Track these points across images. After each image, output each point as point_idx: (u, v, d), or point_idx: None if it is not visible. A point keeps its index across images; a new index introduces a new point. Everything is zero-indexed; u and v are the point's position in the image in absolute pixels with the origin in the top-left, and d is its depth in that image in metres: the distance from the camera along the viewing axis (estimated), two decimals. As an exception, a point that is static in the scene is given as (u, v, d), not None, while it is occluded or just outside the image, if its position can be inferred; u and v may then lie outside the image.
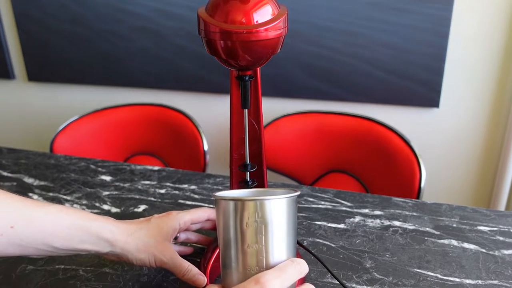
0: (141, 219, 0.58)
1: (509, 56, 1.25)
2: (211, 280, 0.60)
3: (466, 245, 0.69)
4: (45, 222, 0.48)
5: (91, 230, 0.51)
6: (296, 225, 0.50)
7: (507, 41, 1.24)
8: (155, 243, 0.55)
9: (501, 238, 0.71)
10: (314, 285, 0.47)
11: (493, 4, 1.21)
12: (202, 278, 0.57)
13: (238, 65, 0.51)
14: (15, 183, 0.92)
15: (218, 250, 0.62)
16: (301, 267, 0.45)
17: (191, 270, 0.56)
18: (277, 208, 0.46)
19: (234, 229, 0.46)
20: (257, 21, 0.46)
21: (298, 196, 0.50)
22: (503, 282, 0.61)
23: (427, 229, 0.74)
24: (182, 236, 0.63)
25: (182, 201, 0.84)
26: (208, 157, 1.28)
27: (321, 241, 0.71)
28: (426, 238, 0.71)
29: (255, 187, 0.62)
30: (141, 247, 0.54)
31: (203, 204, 0.83)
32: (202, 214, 0.63)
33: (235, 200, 0.46)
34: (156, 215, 0.59)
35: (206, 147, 1.28)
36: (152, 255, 0.54)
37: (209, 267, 0.60)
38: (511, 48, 1.24)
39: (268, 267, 0.45)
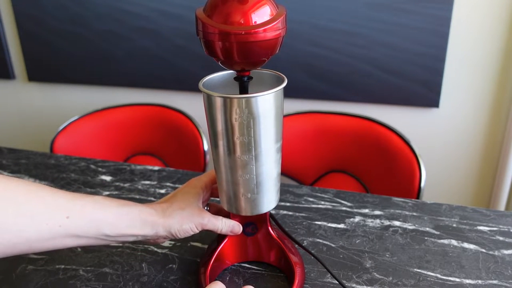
0: (167, 197, 0.61)
1: (509, 56, 1.25)
2: (211, 280, 0.60)
3: (466, 245, 0.69)
4: (95, 209, 0.50)
5: (135, 214, 0.53)
6: (283, 112, 0.53)
7: (507, 41, 1.24)
8: (191, 211, 0.57)
9: (501, 238, 0.71)
10: (314, 285, 0.47)
11: (493, 4, 1.21)
12: (238, 225, 0.61)
13: (236, 66, 0.51)
14: (15, 183, 0.92)
15: (218, 250, 0.62)
16: None
17: (225, 222, 0.60)
18: (264, 103, 0.49)
19: (224, 123, 0.50)
20: (255, 22, 0.46)
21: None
22: (503, 282, 0.61)
23: (427, 229, 0.74)
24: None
25: (182, 201, 0.84)
26: (208, 157, 1.28)
27: (321, 241, 0.71)
28: (426, 238, 0.71)
29: None
30: (180, 219, 0.56)
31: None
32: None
33: (224, 97, 0.48)
34: (178, 189, 0.62)
35: (206, 147, 1.28)
36: (192, 222, 0.57)
37: (209, 267, 0.60)
38: (511, 48, 1.24)
39: (257, 155, 0.51)
